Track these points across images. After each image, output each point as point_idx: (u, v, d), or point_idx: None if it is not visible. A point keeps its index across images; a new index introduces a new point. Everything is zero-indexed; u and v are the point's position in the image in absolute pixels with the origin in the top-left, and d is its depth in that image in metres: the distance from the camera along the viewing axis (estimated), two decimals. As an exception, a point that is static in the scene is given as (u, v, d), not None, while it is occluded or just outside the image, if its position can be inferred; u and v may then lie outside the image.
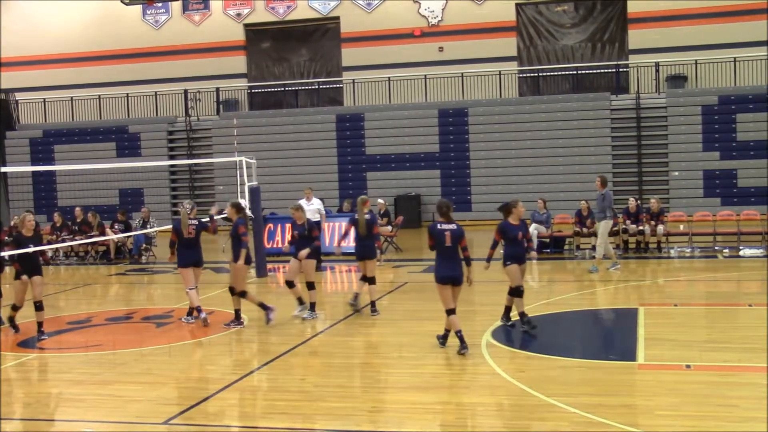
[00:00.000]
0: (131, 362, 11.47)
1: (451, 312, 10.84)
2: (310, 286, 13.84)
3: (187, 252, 13.57)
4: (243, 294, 13.34)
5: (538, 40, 33.17)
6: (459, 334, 10.67)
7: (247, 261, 13.33)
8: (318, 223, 19.84)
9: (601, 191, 17.98)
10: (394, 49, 33.40)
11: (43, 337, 12.74)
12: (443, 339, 11.09)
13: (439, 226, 11.00)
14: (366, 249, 13.98)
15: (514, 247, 12.03)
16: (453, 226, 10.96)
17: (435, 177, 30.78)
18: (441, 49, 33.16)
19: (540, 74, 32.89)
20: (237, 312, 13.33)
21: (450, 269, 10.83)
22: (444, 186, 30.66)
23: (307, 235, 13.90)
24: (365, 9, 33.93)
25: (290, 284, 13.91)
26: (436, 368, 10.15)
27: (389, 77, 32.30)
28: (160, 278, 19.74)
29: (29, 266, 12.96)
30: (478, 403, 8.71)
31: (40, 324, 12.91)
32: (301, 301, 13.85)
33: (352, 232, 14.14)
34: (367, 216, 13.93)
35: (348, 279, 19.51)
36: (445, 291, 10.83)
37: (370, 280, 14.01)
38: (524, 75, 33.01)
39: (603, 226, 18.08)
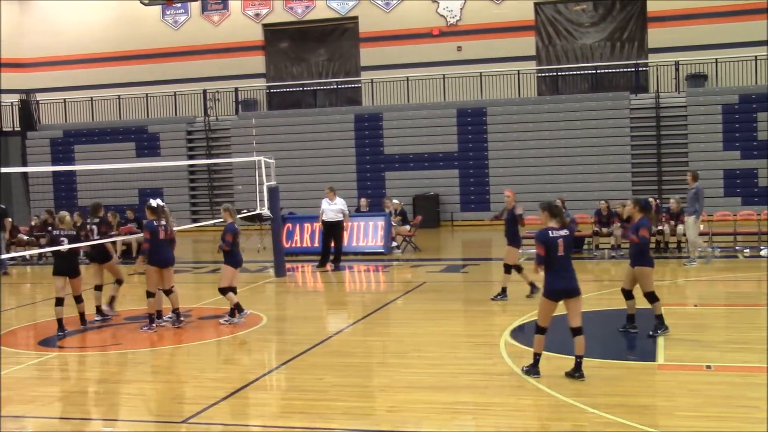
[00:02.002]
0: (150, 361, 11.52)
1: (576, 333, 9.33)
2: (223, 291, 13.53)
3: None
4: (223, 291, 13.39)
5: (557, 40, 33.06)
6: (579, 360, 9.31)
7: (239, 263, 13.50)
8: (340, 223, 19.91)
9: (692, 185, 18.43)
10: (412, 49, 33.38)
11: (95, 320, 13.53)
12: (534, 368, 9.50)
13: (551, 233, 9.39)
14: None
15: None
16: (565, 232, 9.46)
17: (453, 177, 30.75)
18: (459, 48, 33.12)
19: (559, 74, 32.80)
20: (237, 305, 13.37)
21: (566, 281, 9.34)
22: (462, 186, 30.64)
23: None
24: (383, 9, 33.92)
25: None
26: (454, 368, 10.13)
27: (407, 77, 32.29)
28: (178, 278, 19.76)
29: (67, 264, 13.29)
30: (497, 403, 8.68)
31: (82, 315, 13.50)
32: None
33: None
34: None
35: (367, 279, 19.51)
36: (552, 307, 9.39)
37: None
38: (543, 74, 32.92)
39: (692, 221, 18.41)
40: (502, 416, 8.31)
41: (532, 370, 9.42)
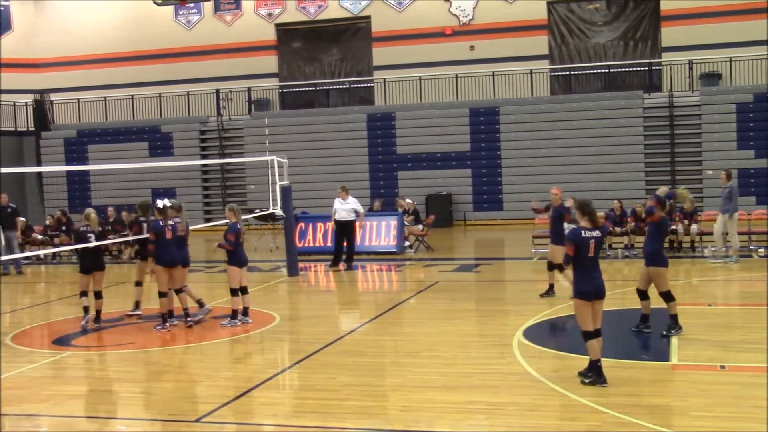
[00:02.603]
0: (163, 360, 11.56)
1: (595, 335, 9.14)
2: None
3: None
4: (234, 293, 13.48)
5: (569, 39, 32.97)
6: (599, 363, 9.11)
7: (242, 263, 13.50)
8: (353, 222, 19.89)
9: (726, 184, 18.61)
10: (425, 48, 33.35)
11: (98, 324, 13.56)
12: (598, 376, 9.08)
13: (584, 233, 9.14)
14: None
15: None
16: (597, 233, 9.20)
17: (466, 176, 30.72)
18: (472, 47, 33.07)
19: (572, 73, 32.73)
20: (237, 311, 13.45)
21: (595, 281, 9.16)
22: (475, 185, 30.61)
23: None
24: (396, 8, 33.91)
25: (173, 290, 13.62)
26: (466, 367, 10.12)
27: (420, 76, 32.27)
28: (193, 277, 19.79)
29: (93, 261, 13.61)
30: (509, 403, 8.67)
31: (98, 312, 13.66)
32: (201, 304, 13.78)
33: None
34: None
35: (379, 278, 19.52)
36: (587, 308, 9.11)
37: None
38: (556, 73, 32.85)
39: (726, 219, 18.60)
40: (515, 416, 8.30)
41: (597, 379, 9.03)
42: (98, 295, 13.72)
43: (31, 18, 38.06)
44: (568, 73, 32.73)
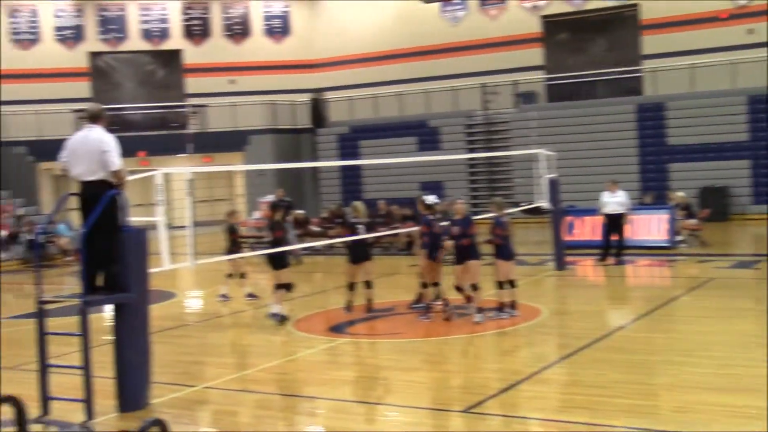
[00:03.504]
0: (433, 350, 11.83)
1: None
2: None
3: None
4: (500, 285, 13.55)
5: None
6: None
7: (509, 256, 13.54)
8: (622, 216, 19.39)
9: None
10: (697, 34, 31.85)
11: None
12: None
13: None
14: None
15: None
16: None
17: (743, 168, 29.06)
18: (751, 31, 31.16)
19: None
20: (503, 304, 13.44)
21: None
22: (755, 176, 28.88)
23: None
24: (667, -7, 32.62)
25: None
26: (745, 369, 9.59)
27: (692, 64, 30.88)
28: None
29: (361, 251, 14.42)
30: (795, 409, 8.12)
31: (369, 301, 14.36)
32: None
33: None
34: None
35: (650, 274, 18.92)
36: None
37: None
38: None
39: None
40: (800, 423, 7.78)
41: None
42: (368, 284, 14.35)
43: (308, 21, 40.12)
44: None
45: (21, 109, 34.99)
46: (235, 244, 16.42)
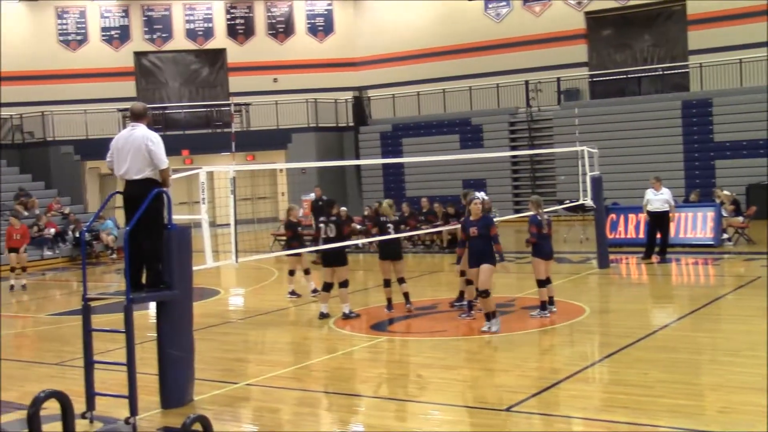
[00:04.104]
0: (475, 348, 11.80)
1: None
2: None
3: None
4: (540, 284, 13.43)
5: None
6: None
7: (546, 255, 13.51)
8: (667, 213, 19.20)
9: None
10: (744, 29, 31.31)
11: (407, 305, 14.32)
12: None
13: None
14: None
15: None
16: None
17: (791, 164, 28.61)
18: (800, 25, 30.65)
19: None
20: (545, 302, 13.41)
21: None
22: (803, 174, 28.42)
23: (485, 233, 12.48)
24: (714, -12, 32.19)
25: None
26: (793, 370, 9.45)
27: (740, 59, 30.42)
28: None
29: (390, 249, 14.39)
30: (844, 412, 7.98)
31: (406, 295, 14.35)
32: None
33: None
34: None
35: (695, 272, 18.71)
36: None
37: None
38: None
39: None
40: None
41: None
42: (401, 280, 14.34)
43: (351, 20, 40.21)
44: None
45: (68, 109, 35.50)
46: (295, 240, 16.54)
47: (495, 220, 13.28)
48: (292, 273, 16.77)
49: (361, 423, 8.78)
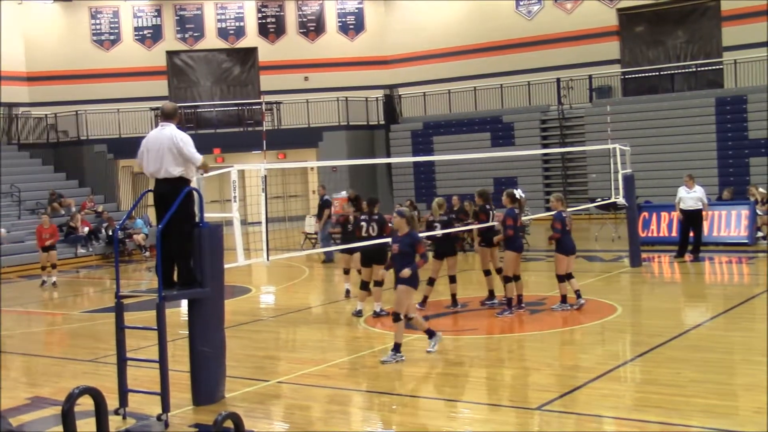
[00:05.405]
0: (505, 347, 11.78)
1: None
2: None
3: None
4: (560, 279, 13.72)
5: None
6: None
7: (569, 250, 13.74)
8: (699, 212, 19.04)
9: None
10: (781, 24, 31.00)
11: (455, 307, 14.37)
12: None
13: None
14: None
15: None
16: None
17: (829, 162, 28.23)
18: (836, 21, 30.22)
19: None
20: (565, 296, 13.67)
21: None
22: (840, 172, 28.03)
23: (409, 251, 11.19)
24: (749, -16, 31.82)
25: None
26: (828, 370, 9.34)
27: (775, 55, 30.08)
28: (533, 265, 19.97)
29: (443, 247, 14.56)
30: None
31: (453, 297, 14.40)
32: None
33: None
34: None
35: (728, 271, 18.53)
36: None
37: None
38: None
39: None
40: None
41: None
42: (452, 279, 14.40)
43: (382, 18, 40.20)
44: None
45: (101, 108, 35.81)
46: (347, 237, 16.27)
47: (527, 218, 13.38)
48: (346, 272, 16.59)
49: (393, 422, 8.78)
